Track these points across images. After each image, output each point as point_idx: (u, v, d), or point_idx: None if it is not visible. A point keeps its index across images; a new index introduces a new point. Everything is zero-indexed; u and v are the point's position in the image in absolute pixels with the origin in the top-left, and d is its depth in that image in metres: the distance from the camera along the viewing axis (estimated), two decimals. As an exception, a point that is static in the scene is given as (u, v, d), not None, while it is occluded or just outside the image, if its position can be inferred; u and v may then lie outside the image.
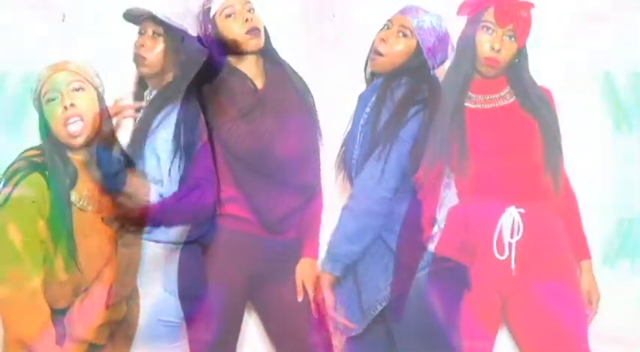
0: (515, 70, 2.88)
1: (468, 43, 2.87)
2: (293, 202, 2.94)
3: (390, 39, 2.85)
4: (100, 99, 2.71)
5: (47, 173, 2.61)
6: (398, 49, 2.84)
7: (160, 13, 2.92)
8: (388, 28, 2.86)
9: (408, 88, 2.77)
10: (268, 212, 2.92)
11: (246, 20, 2.92)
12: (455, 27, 2.89)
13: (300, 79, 3.04)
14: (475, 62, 2.87)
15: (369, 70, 2.93)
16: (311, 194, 2.98)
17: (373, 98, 2.79)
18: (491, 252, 2.82)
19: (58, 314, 2.65)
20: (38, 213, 2.59)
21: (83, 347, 2.68)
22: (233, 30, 2.93)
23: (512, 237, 2.81)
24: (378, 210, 2.72)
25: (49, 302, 2.62)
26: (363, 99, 2.84)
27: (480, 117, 2.88)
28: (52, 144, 2.64)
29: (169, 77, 2.94)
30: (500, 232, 2.83)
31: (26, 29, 3.18)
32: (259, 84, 2.97)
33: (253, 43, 2.94)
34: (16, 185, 2.57)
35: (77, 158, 2.68)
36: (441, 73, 2.91)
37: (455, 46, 2.90)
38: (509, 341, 3.00)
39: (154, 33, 2.94)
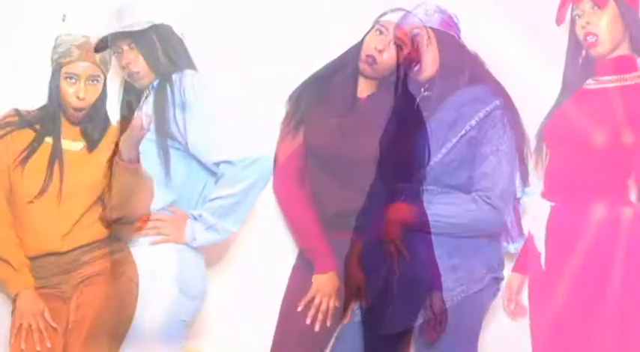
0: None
1: (572, 39, 2.90)
2: (353, 203, 2.90)
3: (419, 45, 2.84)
4: (105, 82, 2.95)
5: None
6: (431, 54, 2.82)
7: (116, 28, 2.92)
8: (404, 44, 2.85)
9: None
10: (325, 206, 3.00)
11: (367, 56, 3.00)
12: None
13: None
14: (583, 51, 2.88)
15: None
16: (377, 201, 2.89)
17: (482, 114, 2.75)
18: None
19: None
20: None
21: None
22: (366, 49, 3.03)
23: None
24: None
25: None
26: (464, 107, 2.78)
27: (585, 98, 2.87)
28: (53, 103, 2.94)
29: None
30: None
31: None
32: (365, 92, 3.04)
33: (364, 69, 3.04)
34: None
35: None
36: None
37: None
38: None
39: (129, 46, 2.94)
